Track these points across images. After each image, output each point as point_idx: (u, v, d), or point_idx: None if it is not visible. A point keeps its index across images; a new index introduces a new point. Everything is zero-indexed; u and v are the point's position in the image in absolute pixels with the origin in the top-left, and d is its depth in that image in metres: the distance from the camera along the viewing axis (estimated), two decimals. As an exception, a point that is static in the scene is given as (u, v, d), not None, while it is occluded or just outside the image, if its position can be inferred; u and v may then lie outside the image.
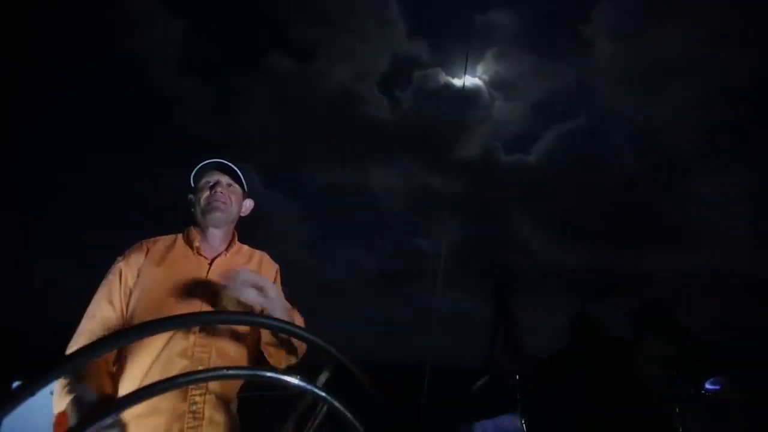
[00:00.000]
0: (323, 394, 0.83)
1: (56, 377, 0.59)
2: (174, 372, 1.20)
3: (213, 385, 1.24)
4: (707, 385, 2.92)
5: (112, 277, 1.32)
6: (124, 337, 0.68)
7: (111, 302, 1.29)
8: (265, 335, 1.31)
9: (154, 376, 1.20)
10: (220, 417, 1.25)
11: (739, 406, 2.85)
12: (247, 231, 1.58)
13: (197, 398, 1.21)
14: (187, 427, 1.19)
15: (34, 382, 0.55)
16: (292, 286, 1.56)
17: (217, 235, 1.44)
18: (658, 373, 3.12)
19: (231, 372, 0.87)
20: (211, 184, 1.44)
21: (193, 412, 1.20)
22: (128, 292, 1.30)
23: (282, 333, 1.25)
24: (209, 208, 1.40)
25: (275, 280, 1.50)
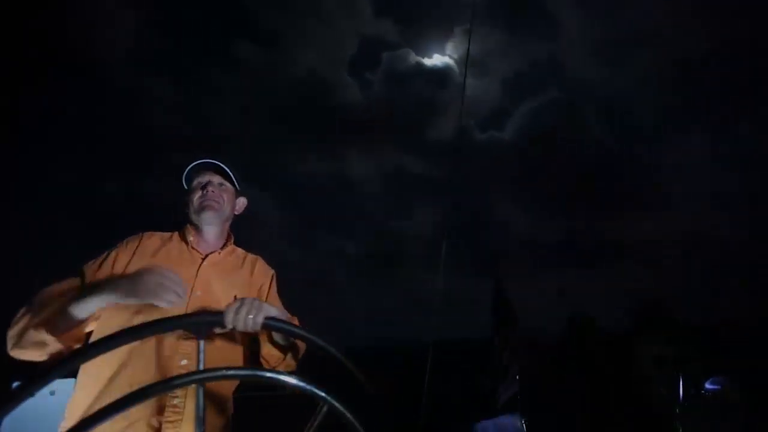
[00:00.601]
0: (322, 394, 0.83)
1: (53, 379, 0.59)
2: (168, 370, 1.20)
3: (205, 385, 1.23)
4: (707, 385, 2.92)
5: (103, 257, 1.32)
6: (121, 338, 0.68)
7: (85, 274, 1.27)
8: (265, 347, 1.30)
9: (148, 374, 1.19)
10: (215, 417, 1.24)
11: (738, 406, 2.85)
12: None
13: (179, 392, 1.20)
14: (166, 421, 1.18)
15: (33, 383, 0.56)
16: (279, 280, 1.55)
17: (211, 233, 1.46)
18: (658, 373, 3.12)
19: (230, 372, 0.87)
20: (202, 184, 1.46)
21: (174, 405, 1.19)
22: (114, 274, 1.28)
23: (279, 332, 1.25)
24: (202, 207, 1.42)
25: (270, 287, 1.50)
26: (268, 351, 1.31)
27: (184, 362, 1.21)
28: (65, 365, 0.68)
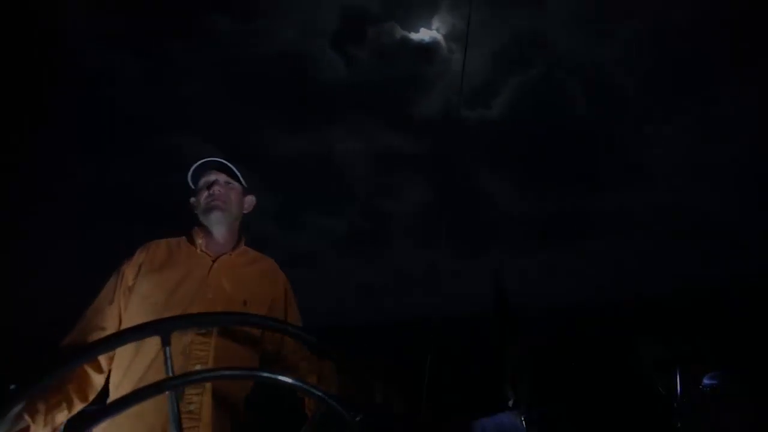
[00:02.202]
0: (320, 393, 0.83)
1: (50, 380, 0.59)
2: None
3: (212, 385, 1.23)
4: (705, 381, 2.93)
5: (113, 278, 1.34)
6: (109, 343, 0.68)
7: (110, 301, 1.30)
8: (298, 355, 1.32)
9: (153, 374, 1.19)
10: (220, 419, 1.24)
11: (737, 402, 2.86)
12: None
13: (194, 398, 1.20)
14: (184, 428, 1.19)
15: (27, 387, 0.55)
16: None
17: (221, 234, 1.45)
18: (656, 371, 3.12)
19: (227, 373, 0.87)
20: (209, 183, 1.45)
21: (190, 412, 1.19)
22: (127, 291, 1.31)
23: (276, 331, 1.25)
24: (209, 207, 1.42)
25: (287, 296, 1.49)
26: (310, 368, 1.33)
27: (197, 367, 1.22)
28: (68, 365, 0.68)
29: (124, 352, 1.23)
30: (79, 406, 1.20)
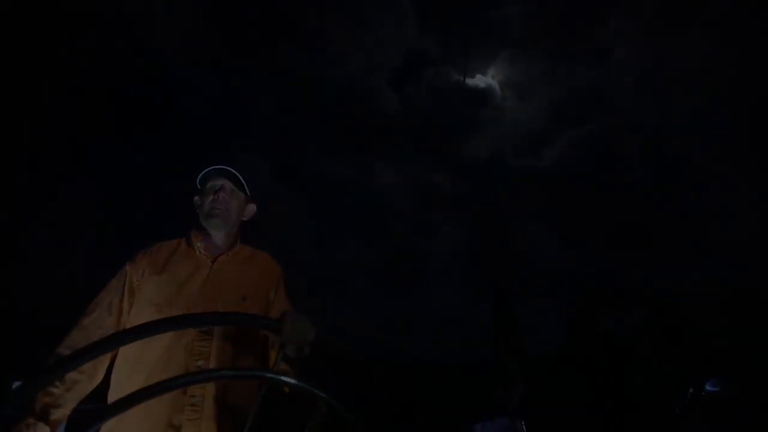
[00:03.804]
0: (323, 394, 0.84)
1: (54, 378, 0.59)
2: (175, 367, 1.23)
3: (215, 384, 1.25)
4: (707, 387, 2.92)
5: (115, 280, 1.38)
6: (116, 340, 0.68)
7: (110, 304, 1.33)
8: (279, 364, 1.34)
9: (156, 371, 1.22)
10: (221, 411, 1.26)
11: (738, 407, 2.85)
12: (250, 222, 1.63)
13: (197, 391, 1.23)
14: (186, 419, 1.21)
15: (28, 386, 0.56)
16: (295, 280, 1.58)
17: (219, 238, 1.50)
18: (658, 375, 3.12)
19: (229, 373, 0.88)
20: (216, 188, 1.50)
21: (193, 404, 1.22)
22: (131, 294, 1.35)
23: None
24: (211, 213, 1.47)
25: (279, 287, 1.53)
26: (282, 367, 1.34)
27: (200, 362, 1.25)
28: (70, 364, 0.69)
29: (128, 351, 1.25)
30: (78, 404, 1.22)
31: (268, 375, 0.84)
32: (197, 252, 1.44)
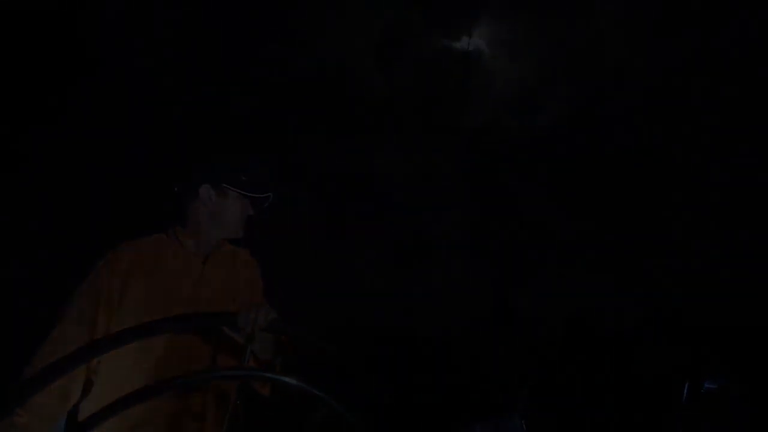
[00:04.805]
0: (322, 394, 0.83)
1: (51, 380, 0.59)
2: (168, 371, 1.16)
3: (215, 384, 1.22)
4: (706, 384, 2.92)
5: (86, 285, 1.24)
6: (100, 348, 0.68)
7: (81, 312, 1.20)
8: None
9: (148, 375, 1.17)
10: (222, 416, 1.24)
11: (738, 405, 2.86)
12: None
13: (196, 399, 1.20)
14: (187, 424, 1.17)
15: (27, 386, 0.55)
16: (304, 272, 1.56)
17: (213, 238, 1.46)
18: (658, 373, 3.12)
19: (231, 373, 0.87)
20: (245, 206, 1.48)
21: (193, 414, 1.18)
22: (113, 304, 1.22)
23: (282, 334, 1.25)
24: (236, 232, 1.43)
25: (258, 279, 1.50)
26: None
27: (179, 360, 1.21)
28: (64, 369, 0.68)
29: (124, 352, 1.20)
30: (75, 404, 1.18)
31: (268, 375, 0.83)
32: (188, 251, 1.36)
